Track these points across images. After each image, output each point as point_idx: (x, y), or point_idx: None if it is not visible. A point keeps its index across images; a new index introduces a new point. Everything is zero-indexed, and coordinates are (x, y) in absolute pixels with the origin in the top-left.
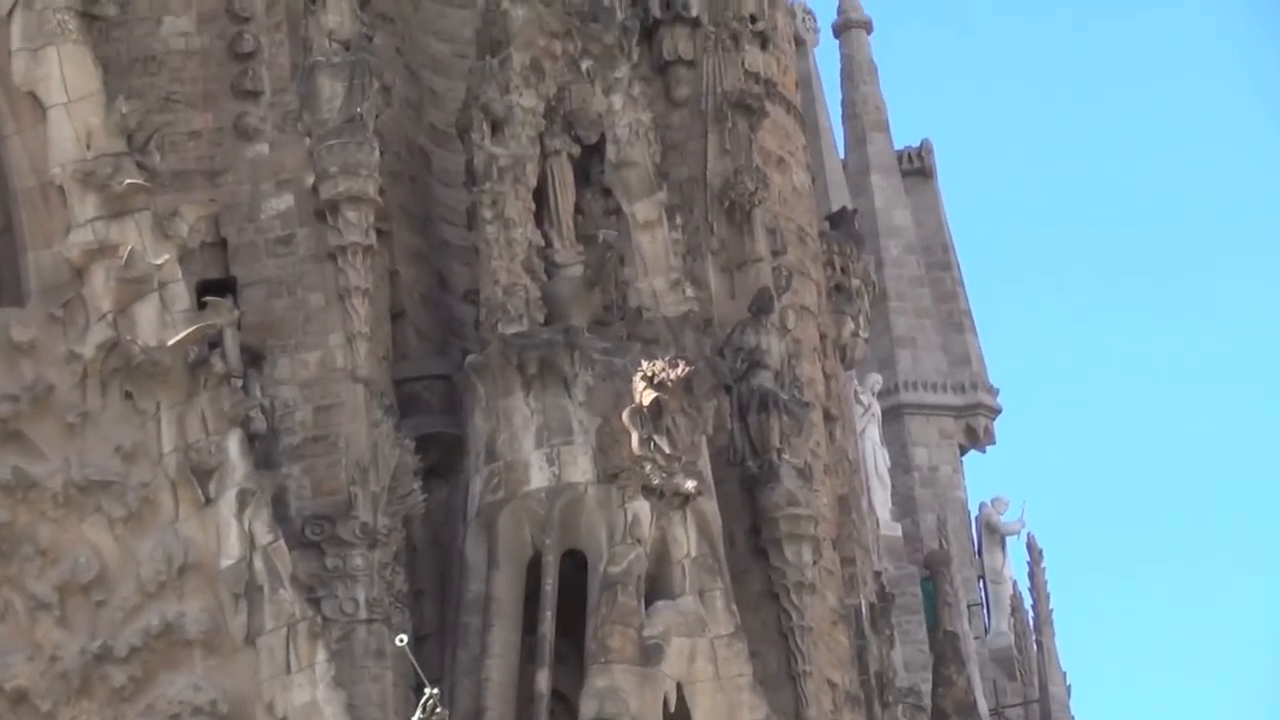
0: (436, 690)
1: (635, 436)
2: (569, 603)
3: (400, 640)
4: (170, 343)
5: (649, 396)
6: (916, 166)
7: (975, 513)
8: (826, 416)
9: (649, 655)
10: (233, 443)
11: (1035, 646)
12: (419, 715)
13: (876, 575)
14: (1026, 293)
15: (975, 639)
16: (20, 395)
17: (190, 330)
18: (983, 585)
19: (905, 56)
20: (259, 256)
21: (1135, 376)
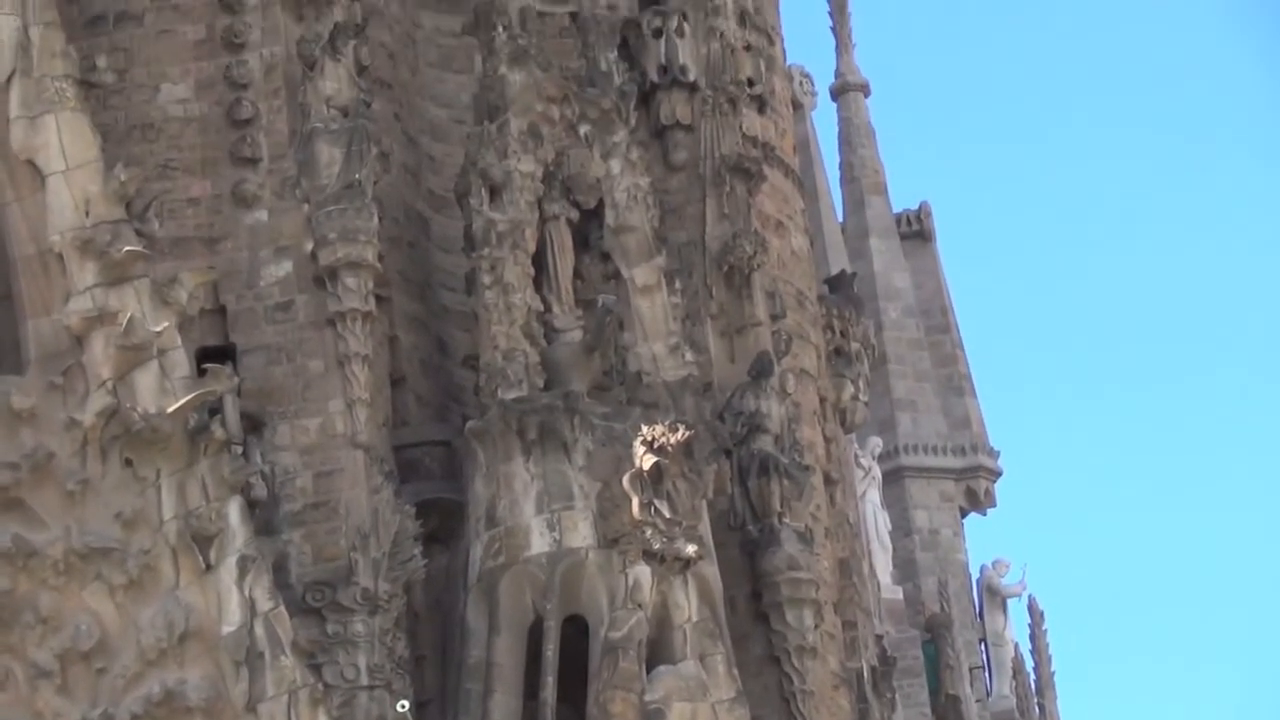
0: (406, 703)
1: (636, 501)
2: (570, 668)
3: (401, 706)
4: (170, 410)
5: (649, 461)
6: (915, 229)
7: (976, 575)
8: (827, 480)
9: None
10: (233, 509)
11: (1038, 709)
12: None
13: (878, 639)
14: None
15: (977, 702)
16: (20, 463)
17: (190, 397)
18: (984, 648)
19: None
20: (258, 323)
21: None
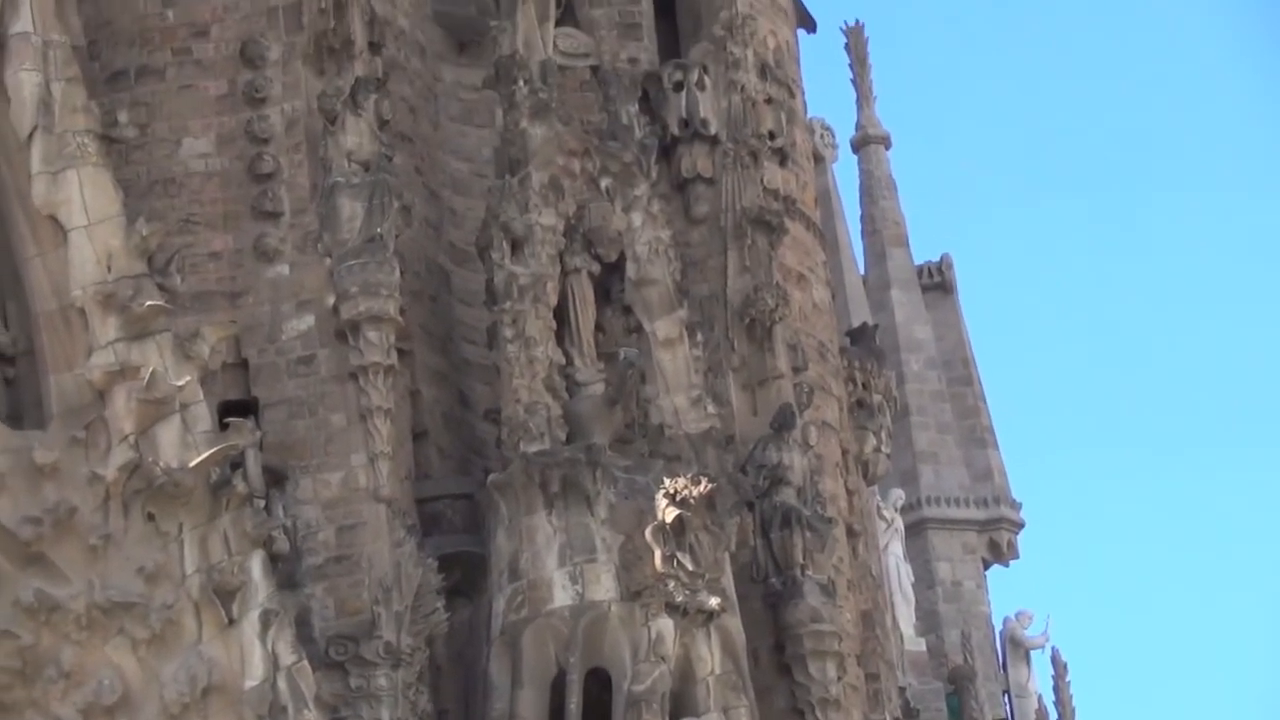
0: None
1: (658, 554)
2: None
3: None
4: (192, 464)
5: (672, 514)
6: (937, 281)
7: (999, 627)
8: (849, 532)
9: None
10: (255, 563)
11: None
12: None
13: (901, 691)
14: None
15: None
16: (43, 518)
17: (212, 451)
18: (1008, 700)
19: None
20: (280, 377)
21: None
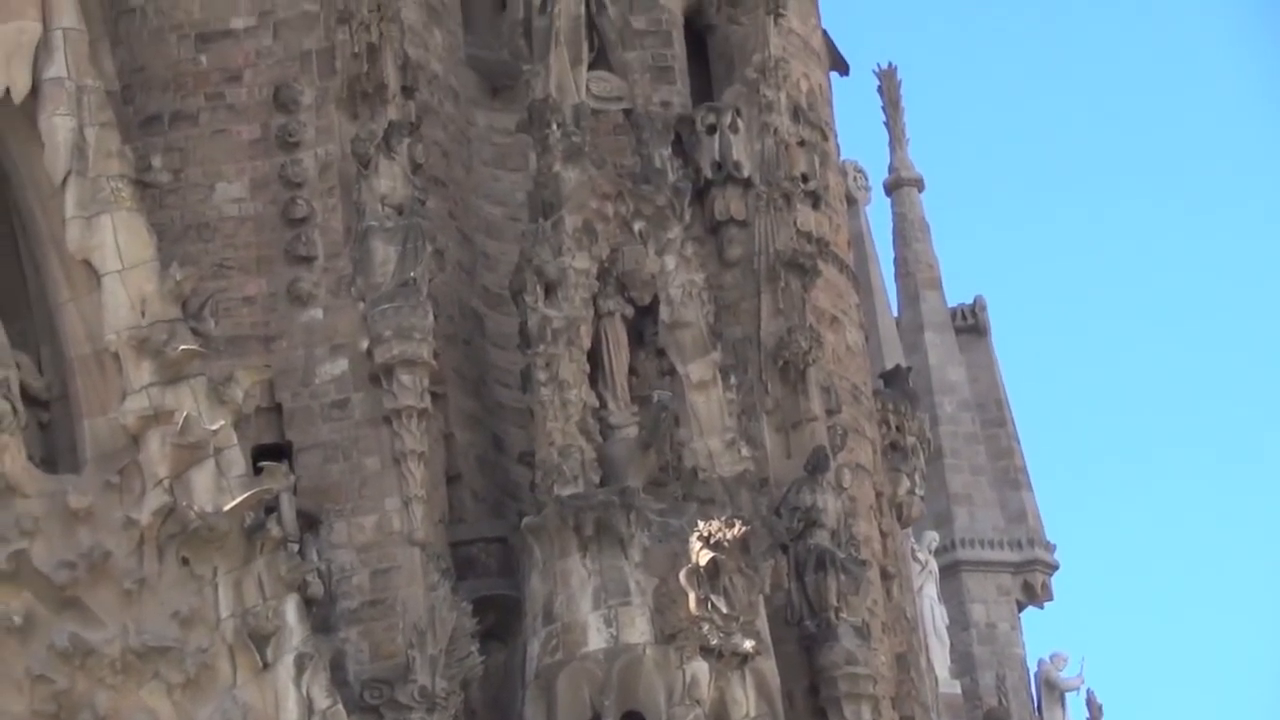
0: None
1: (693, 597)
2: None
3: None
4: (226, 508)
5: (706, 557)
6: (970, 323)
7: (1034, 669)
8: (883, 575)
9: None
10: (290, 607)
11: None
12: None
13: None
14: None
15: None
16: (77, 562)
17: (246, 495)
18: None
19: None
20: (314, 421)
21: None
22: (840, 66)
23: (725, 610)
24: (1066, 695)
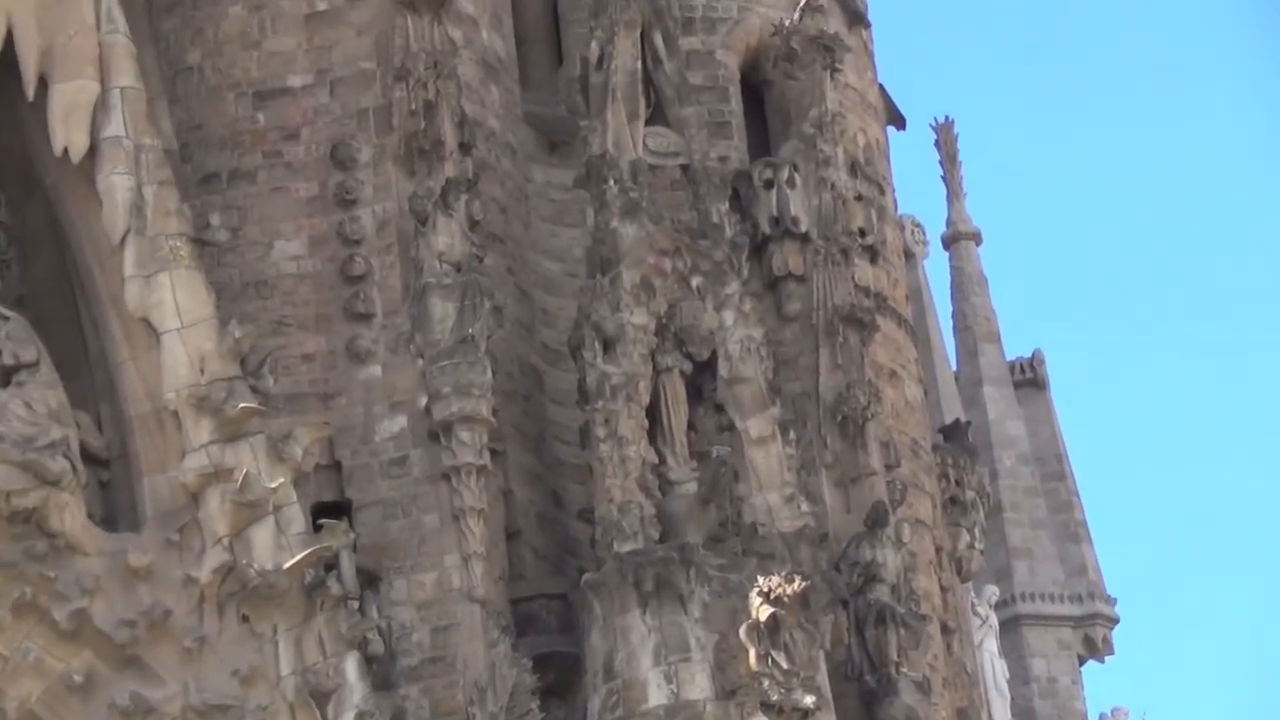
0: None
1: (753, 653)
2: None
3: None
4: (286, 566)
5: (766, 612)
6: (1029, 377)
7: None
8: (944, 629)
9: None
10: (350, 665)
11: None
12: None
13: None
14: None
15: None
16: (138, 620)
17: (306, 553)
18: None
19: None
20: (373, 478)
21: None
22: (897, 121)
23: (786, 666)
24: None
